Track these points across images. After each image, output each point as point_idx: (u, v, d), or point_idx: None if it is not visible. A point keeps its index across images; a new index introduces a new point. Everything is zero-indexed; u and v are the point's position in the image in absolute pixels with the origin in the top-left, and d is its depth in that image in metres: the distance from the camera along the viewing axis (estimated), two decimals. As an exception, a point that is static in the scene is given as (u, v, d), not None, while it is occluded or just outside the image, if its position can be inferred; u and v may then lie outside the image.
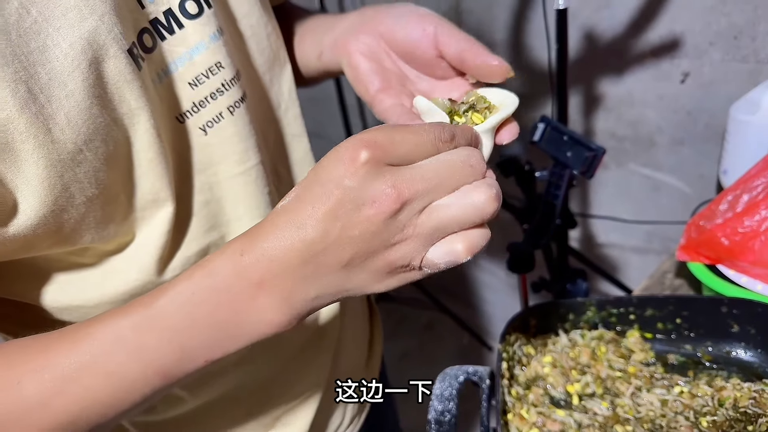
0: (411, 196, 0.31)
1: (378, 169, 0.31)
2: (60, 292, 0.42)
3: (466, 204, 0.32)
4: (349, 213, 0.31)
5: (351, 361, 0.66)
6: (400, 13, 0.46)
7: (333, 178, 0.31)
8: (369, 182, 0.30)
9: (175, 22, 0.41)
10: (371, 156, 0.31)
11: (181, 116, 0.42)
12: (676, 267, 0.77)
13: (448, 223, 0.32)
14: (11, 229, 0.34)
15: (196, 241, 0.45)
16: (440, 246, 0.33)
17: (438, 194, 0.32)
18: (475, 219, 0.32)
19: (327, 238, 0.31)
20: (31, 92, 0.32)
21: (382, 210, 0.30)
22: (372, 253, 0.32)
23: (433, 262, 0.33)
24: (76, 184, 0.35)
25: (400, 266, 0.33)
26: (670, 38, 1.01)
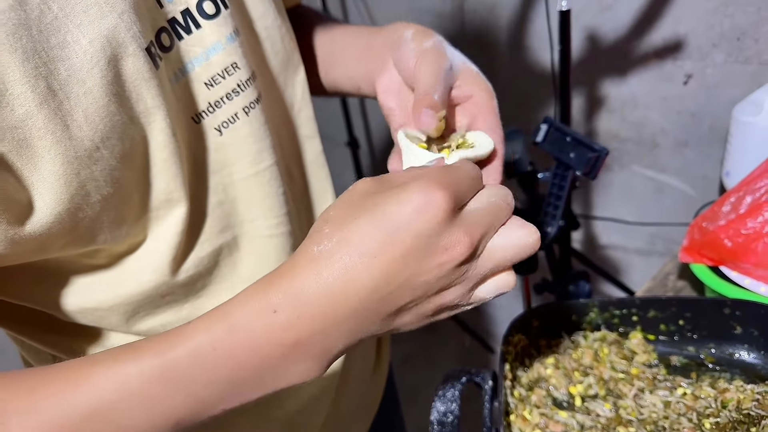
0: (479, 242, 0.31)
1: (453, 215, 0.30)
2: (74, 295, 0.41)
3: (519, 245, 0.33)
4: (419, 261, 0.29)
5: (361, 365, 0.66)
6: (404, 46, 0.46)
7: (402, 222, 0.29)
8: (443, 228, 0.29)
9: (193, 22, 0.41)
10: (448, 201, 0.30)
11: (197, 116, 0.42)
12: (678, 269, 0.77)
13: (504, 263, 0.33)
14: (27, 227, 0.34)
15: (210, 242, 0.45)
16: (490, 281, 0.33)
17: (491, 235, 0.33)
18: (524, 257, 0.33)
19: (389, 287, 0.29)
20: (51, 88, 0.32)
21: (456, 257, 0.30)
22: (428, 298, 0.31)
23: (482, 298, 0.33)
24: (92, 183, 0.35)
25: (448, 308, 0.33)
26: (673, 40, 1.01)
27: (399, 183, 0.31)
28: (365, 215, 0.30)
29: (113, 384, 0.30)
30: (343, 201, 0.32)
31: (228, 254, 0.47)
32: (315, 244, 0.30)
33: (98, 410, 0.30)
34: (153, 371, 0.30)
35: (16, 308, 0.42)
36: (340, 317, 0.30)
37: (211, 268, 0.46)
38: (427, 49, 0.44)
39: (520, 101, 1.30)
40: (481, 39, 1.34)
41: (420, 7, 1.47)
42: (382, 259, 0.29)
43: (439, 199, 0.29)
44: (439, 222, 0.29)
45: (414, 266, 0.29)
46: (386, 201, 0.30)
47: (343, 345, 0.31)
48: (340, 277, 0.29)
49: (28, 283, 0.40)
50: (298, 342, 0.30)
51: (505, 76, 1.33)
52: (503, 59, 1.32)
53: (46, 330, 0.45)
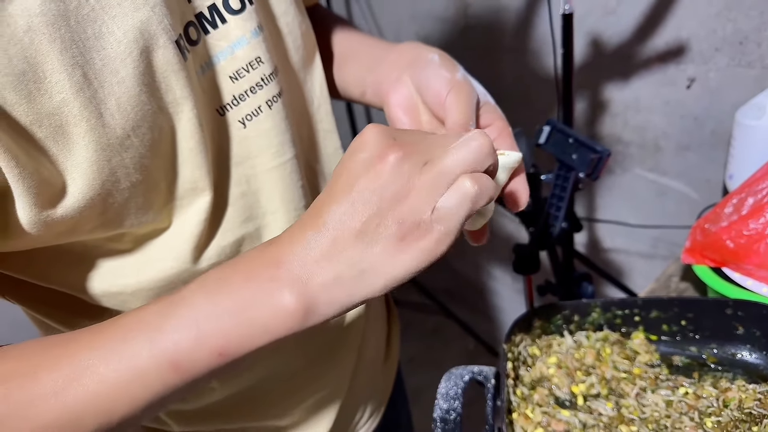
0: (413, 150, 0.32)
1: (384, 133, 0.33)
2: (98, 278, 0.43)
3: (465, 147, 0.33)
4: (359, 176, 0.32)
5: (372, 359, 0.67)
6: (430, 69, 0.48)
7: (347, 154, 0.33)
8: (375, 143, 0.32)
9: (219, 17, 0.42)
10: (378, 128, 0.33)
11: (222, 108, 0.43)
12: (681, 270, 0.77)
13: (451, 166, 0.32)
14: (59, 210, 0.35)
15: (232, 232, 0.46)
16: (449, 192, 0.32)
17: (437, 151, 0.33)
18: (476, 159, 0.33)
19: (341, 204, 0.31)
20: (86, 77, 0.33)
21: (386, 159, 0.31)
22: (383, 214, 0.31)
23: (445, 209, 0.32)
24: (123, 169, 0.37)
25: (413, 226, 0.31)
26: (676, 44, 1.01)
27: None
28: None
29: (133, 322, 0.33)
30: None
31: (250, 244, 0.48)
32: None
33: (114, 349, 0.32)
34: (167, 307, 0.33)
35: (43, 290, 0.43)
36: (309, 239, 0.32)
37: (232, 257, 0.46)
38: (459, 81, 0.46)
39: (524, 105, 1.30)
40: (485, 43, 1.35)
41: (423, 12, 1.47)
42: (332, 188, 0.32)
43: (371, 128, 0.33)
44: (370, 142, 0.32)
45: (357, 182, 0.32)
46: None
47: (322, 274, 0.31)
48: (308, 213, 0.33)
49: (55, 266, 0.42)
50: (280, 260, 0.32)
51: (509, 79, 1.34)
52: (506, 63, 1.33)
53: (70, 313, 0.46)
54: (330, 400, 0.61)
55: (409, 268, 0.32)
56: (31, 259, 0.40)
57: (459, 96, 0.45)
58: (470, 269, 1.92)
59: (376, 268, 0.32)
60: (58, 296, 0.44)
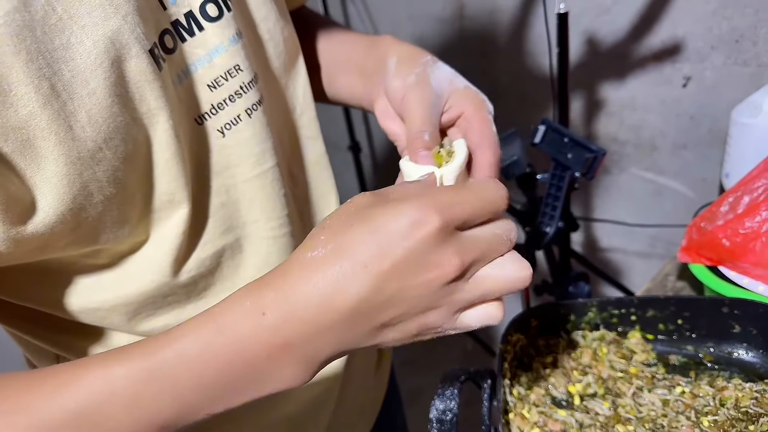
0: (470, 265, 0.31)
1: (446, 234, 0.30)
2: (76, 295, 0.42)
3: (510, 277, 0.33)
4: (408, 275, 0.30)
5: (364, 364, 0.66)
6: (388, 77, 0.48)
7: (395, 235, 0.29)
8: (435, 246, 0.30)
9: (196, 25, 0.41)
10: (442, 221, 0.30)
11: (200, 118, 0.43)
12: (678, 269, 0.77)
13: (490, 293, 0.33)
14: (29, 227, 0.34)
15: (212, 243, 0.45)
16: (476, 309, 0.33)
17: (485, 263, 0.33)
18: (513, 291, 0.33)
19: (378, 298, 0.30)
20: (54, 89, 0.32)
21: (444, 276, 0.30)
22: (411, 316, 0.31)
23: (467, 324, 0.33)
24: (95, 183, 0.36)
25: (432, 328, 0.33)
26: (671, 43, 1.01)
27: (397, 198, 0.32)
28: (360, 226, 0.30)
29: (100, 385, 0.30)
30: (341, 211, 0.32)
31: (230, 256, 0.47)
32: (309, 250, 0.31)
33: (84, 412, 0.30)
34: (140, 372, 0.30)
35: (20, 308, 0.42)
36: (327, 324, 0.30)
37: (213, 269, 0.46)
38: (410, 86, 0.45)
39: (520, 104, 1.30)
40: (481, 43, 1.35)
41: (420, 13, 1.47)
42: (373, 270, 0.29)
43: (434, 217, 0.30)
44: (432, 239, 0.29)
45: (402, 280, 0.30)
46: (382, 213, 0.30)
47: (328, 353, 0.31)
48: (330, 283, 0.29)
49: (30, 283, 0.41)
50: (285, 345, 0.30)
51: (505, 79, 1.34)
52: (503, 63, 1.33)
53: (49, 329, 0.45)
54: (320, 409, 0.60)
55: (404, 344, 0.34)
56: (5, 278, 0.39)
57: (411, 102, 0.45)
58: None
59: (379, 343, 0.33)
60: (35, 313, 0.43)
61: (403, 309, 0.31)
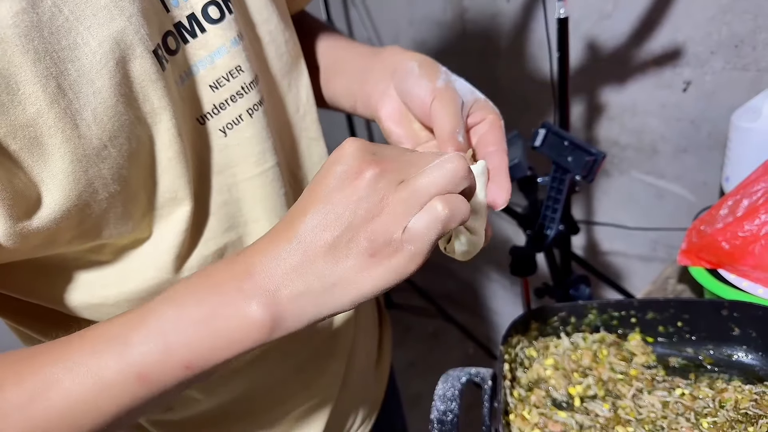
0: (390, 168, 0.32)
1: (363, 148, 0.33)
2: (78, 290, 0.42)
3: (440, 169, 0.33)
4: (334, 189, 0.32)
5: (362, 365, 0.67)
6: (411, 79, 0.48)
7: (324, 166, 0.33)
8: (354, 158, 0.32)
9: (198, 27, 0.42)
10: (358, 143, 0.33)
11: (202, 118, 0.43)
12: (678, 272, 0.78)
13: (424, 188, 0.32)
14: (35, 221, 0.35)
15: (214, 241, 0.46)
16: (420, 214, 0.32)
17: (414, 171, 0.33)
18: (450, 182, 0.33)
19: (314, 216, 0.31)
20: (61, 88, 0.33)
21: (363, 176, 0.31)
22: (355, 229, 0.31)
23: (416, 230, 0.32)
24: (100, 180, 0.36)
25: (384, 243, 0.32)
26: (671, 47, 1.02)
27: None
28: None
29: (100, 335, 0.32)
30: None
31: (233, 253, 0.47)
32: None
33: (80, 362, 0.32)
34: (134, 319, 0.32)
35: (23, 303, 0.43)
36: (280, 250, 0.32)
37: None
38: (440, 88, 0.46)
39: (521, 108, 1.31)
40: (482, 47, 1.35)
41: (421, 17, 1.48)
42: (309, 196, 0.33)
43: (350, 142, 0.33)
44: (349, 156, 0.32)
45: (330, 192, 0.32)
46: None
47: (291, 287, 0.31)
48: (280, 223, 0.33)
49: (34, 280, 0.41)
50: (249, 271, 0.32)
51: (506, 83, 1.34)
52: (504, 67, 1.33)
53: (52, 325, 0.45)
54: (320, 407, 0.60)
55: (378, 284, 0.32)
56: (10, 273, 0.40)
57: (442, 104, 0.45)
58: (469, 273, 1.93)
59: (345, 283, 0.32)
60: (39, 308, 0.44)
61: (341, 222, 0.31)
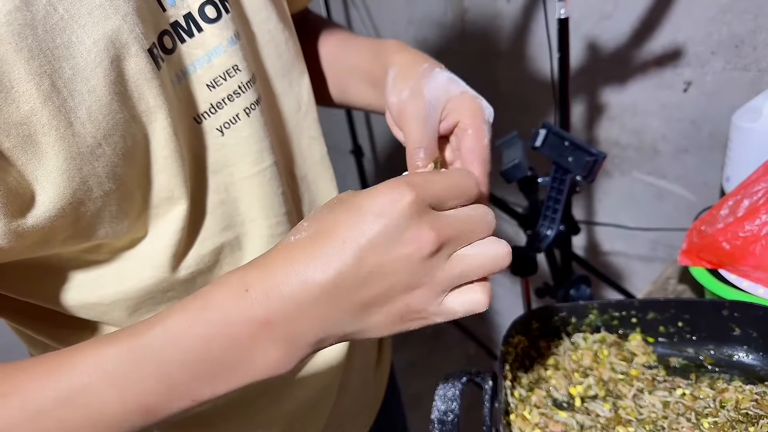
0: (446, 241, 0.31)
1: (420, 209, 0.31)
2: (75, 290, 0.43)
3: (490, 254, 0.33)
4: (386, 249, 0.30)
5: (362, 365, 0.67)
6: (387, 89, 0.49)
7: (372, 211, 0.30)
8: (411, 220, 0.30)
9: (195, 26, 0.42)
10: (415, 196, 0.31)
11: (199, 117, 0.43)
12: (679, 273, 0.78)
13: (472, 271, 0.32)
14: (30, 220, 0.35)
15: (211, 240, 0.46)
16: (460, 294, 0.32)
17: (463, 243, 0.33)
18: (495, 269, 0.33)
19: (357, 272, 0.30)
20: (55, 86, 0.33)
21: (421, 249, 0.30)
22: (396, 294, 0.31)
23: (452, 308, 0.32)
24: (94, 178, 0.36)
25: (416, 311, 0.32)
26: (672, 48, 1.02)
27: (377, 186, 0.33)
28: (340, 209, 0.32)
29: (91, 365, 0.31)
30: (326, 203, 0.33)
31: (230, 252, 0.48)
32: (292, 235, 0.32)
33: (75, 391, 0.31)
34: (129, 352, 0.31)
35: (21, 303, 0.43)
36: (307, 299, 0.30)
37: (212, 266, 0.47)
38: (405, 100, 0.46)
39: (522, 109, 1.31)
40: (482, 48, 1.36)
41: (421, 18, 1.48)
42: (351, 245, 0.30)
43: (406, 191, 0.30)
44: (406, 212, 0.30)
45: (381, 254, 0.30)
46: (359, 195, 0.32)
47: (311, 335, 0.31)
48: (310, 260, 0.30)
49: (31, 280, 0.41)
50: (266, 322, 0.30)
51: (506, 84, 1.34)
52: (504, 68, 1.34)
53: (51, 325, 0.46)
54: (318, 409, 0.60)
55: (392, 333, 0.33)
56: (7, 274, 0.40)
57: (405, 117, 0.45)
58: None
59: (365, 331, 0.32)
60: (37, 308, 0.44)
61: (383, 286, 0.31)
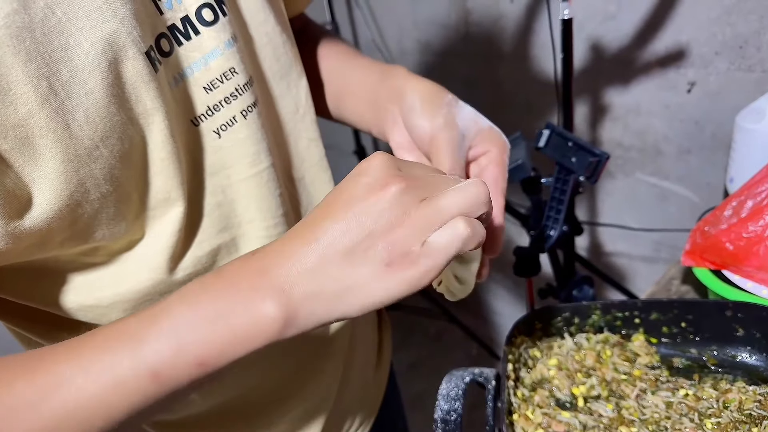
0: (415, 184, 0.33)
1: (391, 165, 0.34)
2: (73, 293, 0.43)
3: (463, 191, 0.34)
4: (361, 195, 0.32)
5: (361, 368, 0.67)
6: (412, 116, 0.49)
7: (350, 175, 0.34)
8: (381, 171, 0.33)
9: (192, 29, 0.42)
10: (387, 157, 0.34)
11: (196, 119, 0.44)
12: (682, 273, 0.78)
13: (447, 207, 0.33)
14: (27, 221, 0.35)
15: (208, 242, 0.46)
16: (442, 231, 0.33)
17: (436, 191, 0.34)
18: (472, 205, 0.33)
19: (339, 220, 0.32)
20: (53, 88, 0.33)
21: (390, 188, 0.32)
22: (375, 239, 0.32)
23: (435, 244, 0.32)
24: (92, 180, 0.37)
25: (401, 254, 0.32)
26: (675, 48, 1.02)
27: None
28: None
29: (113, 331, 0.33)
30: None
31: (227, 254, 0.48)
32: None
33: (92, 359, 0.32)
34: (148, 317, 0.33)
35: (21, 306, 0.43)
36: (297, 250, 0.32)
37: (209, 267, 0.47)
38: (439, 127, 0.47)
39: (525, 110, 1.31)
40: (486, 49, 1.36)
41: (425, 19, 1.48)
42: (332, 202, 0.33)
43: (379, 155, 0.34)
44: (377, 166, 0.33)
45: (356, 201, 0.32)
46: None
47: (303, 288, 0.32)
48: (299, 226, 0.34)
49: (29, 283, 0.42)
50: (264, 268, 0.32)
51: (510, 85, 1.34)
52: (507, 69, 1.34)
53: (50, 327, 0.46)
54: (318, 409, 0.60)
55: (390, 294, 0.33)
56: (5, 277, 0.40)
57: (439, 145, 0.46)
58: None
59: (358, 289, 0.32)
60: (35, 311, 0.44)
61: (363, 230, 0.32)
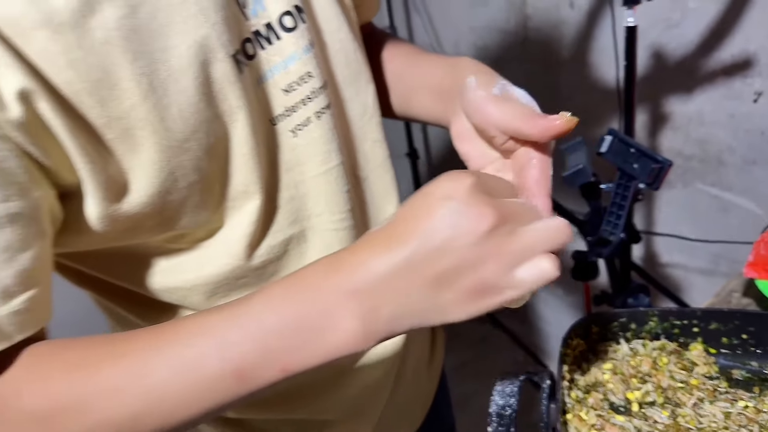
0: (507, 219, 0.33)
1: (480, 191, 0.34)
2: (159, 275, 0.47)
3: (549, 227, 0.35)
4: (454, 224, 0.33)
5: (416, 359, 0.69)
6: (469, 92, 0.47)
7: (440, 195, 0.34)
8: (473, 199, 0.33)
9: (274, 34, 0.45)
10: (475, 179, 0.34)
11: (274, 119, 0.47)
12: (743, 286, 0.76)
13: (535, 243, 0.34)
14: (124, 205, 0.39)
15: (281, 232, 0.49)
16: (528, 266, 0.34)
17: (524, 223, 0.34)
18: (557, 240, 0.35)
19: (430, 247, 0.32)
20: (152, 85, 0.37)
21: (485, 223, 0.32)
22: (465, 269, 0.33)
23: (522, 279, 0.34)
24: (181, 170, 0.40)
25: (488, 286, 0.33)
26: (742, 57, 1.00)
27: None
28: (412, 200, 0.35)
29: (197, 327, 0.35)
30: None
31: (296, 244, 0.51)
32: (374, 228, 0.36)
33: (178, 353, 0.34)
34: (232, 318, 0.35)
35: (113, 285, 0.48)
36: (386, 272, 0.33)
37: (281, 255, 0.50)
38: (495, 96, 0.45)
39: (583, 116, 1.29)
40: (544, 55, 1.35)
41: (483, 25, 1.49)
42: (423, 224, 0.33)
43: (468, 177, 0.34)
44: (468, 193, 0.33)
45: (449, 230, 0.33)
46: (427, 186, 0.35)
47: (389, 310, 0.33)
48: (388, 241, 0.34)
49: (120, 265, 0.47)
50: (356, 290, 0.33)
51: (568, 91, 1.34)
52: (566, 75, 1.33)
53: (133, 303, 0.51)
54: (374, 397, 0.63)
55: (469, 315, 0.34)
56: (101, 260, 0.45)
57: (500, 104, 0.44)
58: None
59: (439, 310, 0.34)
60: (121, 288, 0.49)
61: (453, 260, 0.32)
